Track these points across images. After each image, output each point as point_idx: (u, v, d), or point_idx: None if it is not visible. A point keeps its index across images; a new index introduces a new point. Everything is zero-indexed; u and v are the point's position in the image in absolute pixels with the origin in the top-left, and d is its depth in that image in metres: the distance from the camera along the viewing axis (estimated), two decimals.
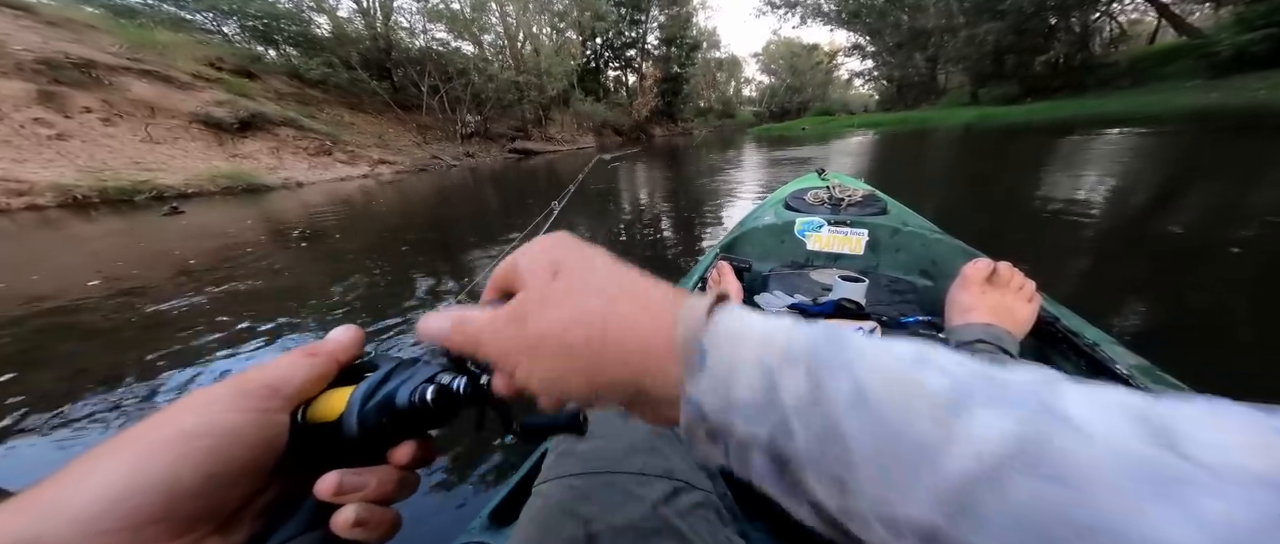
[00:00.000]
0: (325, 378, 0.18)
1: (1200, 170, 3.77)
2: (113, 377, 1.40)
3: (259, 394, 0.16)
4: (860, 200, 1.07)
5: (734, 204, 3.88)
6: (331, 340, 0.20)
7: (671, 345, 0.14)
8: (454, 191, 6.39)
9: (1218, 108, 8.41)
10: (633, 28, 28.20)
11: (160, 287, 2.30)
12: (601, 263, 0.17)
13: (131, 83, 6.75)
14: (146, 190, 5.36)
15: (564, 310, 0.15)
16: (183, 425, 0.15)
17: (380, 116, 12.49)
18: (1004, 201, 3.30)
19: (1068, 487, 0.09)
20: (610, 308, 0.15)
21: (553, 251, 0.18)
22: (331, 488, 0.16)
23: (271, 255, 2.92)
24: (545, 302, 0.16)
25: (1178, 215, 2.51)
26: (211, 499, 0.15)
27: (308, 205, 5.17)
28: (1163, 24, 20.46)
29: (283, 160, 7.49)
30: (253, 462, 0.16)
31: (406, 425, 0.18)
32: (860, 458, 0.11)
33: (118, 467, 0.13)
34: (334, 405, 0.18)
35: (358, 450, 0.18)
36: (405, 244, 3.18)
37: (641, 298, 0.15)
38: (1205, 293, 1.50)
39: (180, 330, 1.76)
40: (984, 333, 0.49)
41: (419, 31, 15.11)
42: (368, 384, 0.18)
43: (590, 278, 0.16)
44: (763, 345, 0.13)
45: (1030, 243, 2.15)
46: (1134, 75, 14.43)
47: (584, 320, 0.15)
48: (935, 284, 0.81)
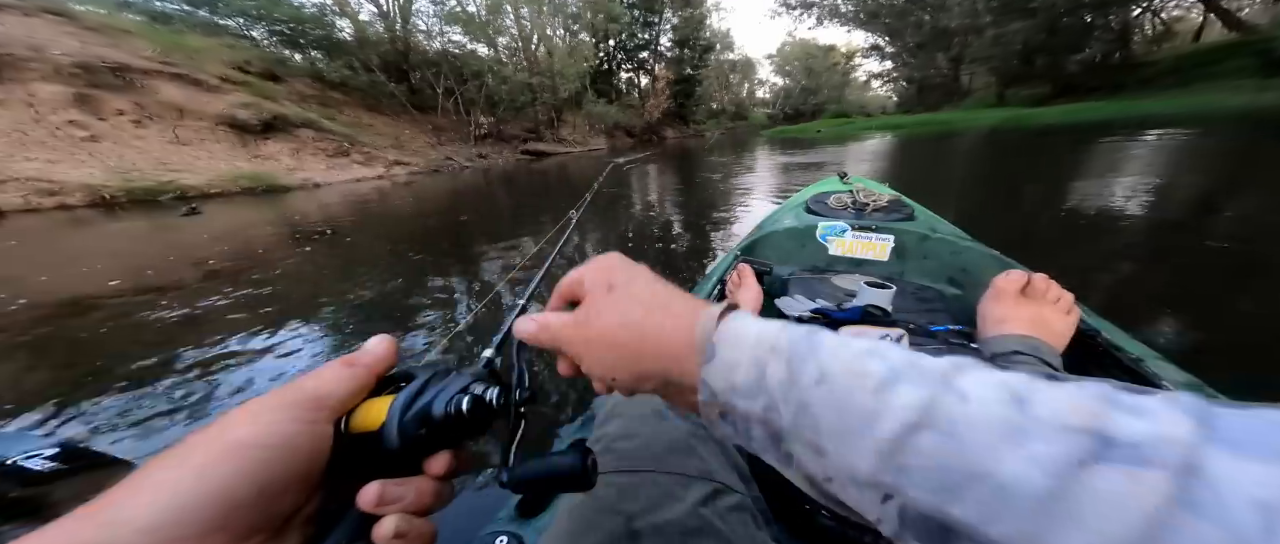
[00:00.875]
0: (365, 389, 0.19)
1: (1261, 178, 3.45)
2: (102, 384, 1.35)
3: (306, 405, 0.17)
4: (886, 205, 1.03)
5: (749, 207, 3.77)
6: (368, 351, 0.20)
7: (692, 344, 0.18)
8: (465, 193, 6.43)
9: (1277, 109, 7.78)
10: (646, 29, 28.21)
11: (174, 288, 2.29)
12: (643, 279, 0.21)
13: (162, 86, 7.00)
14: (171, 191, 5.51)
15: (614, 317, 0.20)
16: (238, 437, 0.15)
17: (397, 118, 12.72)
18: (1040, 207, 3.08)
19: (953, 438, 0.12)
20: (647, 316, 0.19)
21: (608, 271, 0.22)
22: (373, 499, 0.17)
23: (283, 257, 2.90)
24: (601, 310, 0.20)
25: (1239, 226, 2.29)
26: (266, 508, 0.15)
27: (323, 206, 5.24)
28: (1208, 21, 19.32)
29: (302, 161, 7.65)
30: (302, 471, 0.16)
31: (443, 436, 0.19)
32: (825, 426, 0.14)
33: (180, 478, 0.14)
34: (373, 416, 0.18)
35: (397, 461, 0.18)
36: (416, 245, 3.15)
37: (671, 308, 0.19)
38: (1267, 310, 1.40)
39: (185, 333, 1.73)
40: (1021, 344, 0.48)
41: (436, 34, 15.38)
42: (406, 395, 0.18)
43: (634, 291, 0.21)
44: (756, 343, 0.17)
45: (1071, 251, 2.05)
46: (1178, 74, 13.56)
47: (628, 324, 0.19)
48: (964, 293, 0.79)
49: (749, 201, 4.12)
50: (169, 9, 10.23)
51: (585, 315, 0.21)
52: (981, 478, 0.11)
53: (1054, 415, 0.11)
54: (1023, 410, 0.12)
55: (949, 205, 1.37)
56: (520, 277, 2.07)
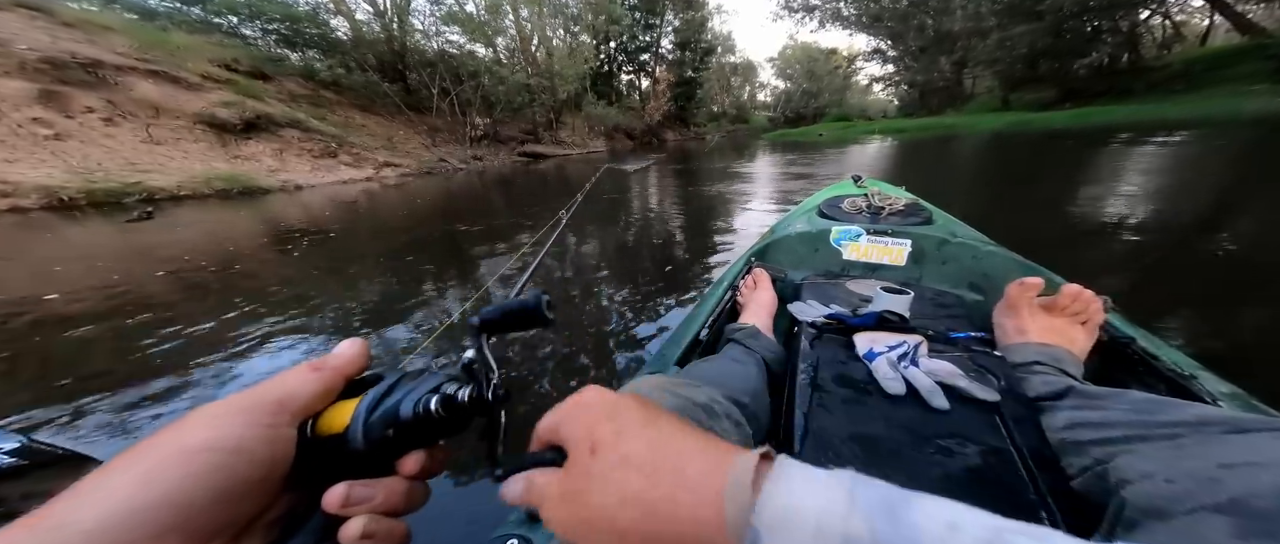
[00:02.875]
0: (332, 392, 0.19)
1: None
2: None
3: (266, 409, 0.17)
4: (902, 209, 1.01)
5: (755, 210, 3.54)
6: (337, 355, 0.20)
7: (723, 526, 0.14)
8: (457, 195, 6.16)
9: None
10: (647, 31, 28.02)
11: (70, 307, 1.94)
12: (635, 429, 0.17)
13: (137, 83, 6.69)
14: (136, 192, 5.18)
15: (608, 494, 0.16)
16: (189, 441, 0.15)
17: (392, 119, 12.44)
18: (1053, 208, 2.91)
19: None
20: (653, 488, 0.15)
21: (586, 420, 0.18)
22: (339, 500, 0.17)
23: (234, 266, 2.56)
24: (591, 483, 0.16)
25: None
26: (222, 513, 0.15)
27: (304, 208, 4.93)
28: (1213, 26, 19.11)
29: (285, 162, 7.34)
30: (262, 476, 0.16)
31: (413, 436, 0.18)
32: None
33: (126, 482, 0.14)
34: (341, 418, 0.18)
35: (365, 462, 0.18)
36: (395, 251, 2.85)
37: (681, 472, 0.15)
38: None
39: (84, 356, 1.43)
40: (1041, 354, 0.48)
41: (433, 34, 15.15)
42: (371, 396, 0.18)
43: (627, 451, 0.16)
44: (818, 531, 0.13)
45: (1085, 253, 1.97)
46: (1188, 79, 13.29)
47: (629, 501, 0.15)
48: (986, 298, 0.77)
49: (753, 204, 3.87)
50: (160, 6, 9.96)
51: (569, 488, 0.17)
52: None
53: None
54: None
55: (956, 208, 1.30)
56: (510, 272, 1.92)
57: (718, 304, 0.75)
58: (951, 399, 0.45)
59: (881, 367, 0.50)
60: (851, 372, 0.51)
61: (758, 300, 0.72)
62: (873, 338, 0.56)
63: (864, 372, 0.51)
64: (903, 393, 0.46)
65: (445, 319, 1.70)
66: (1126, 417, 0.35)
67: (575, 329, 1.63)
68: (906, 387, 0.47)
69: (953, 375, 0.47)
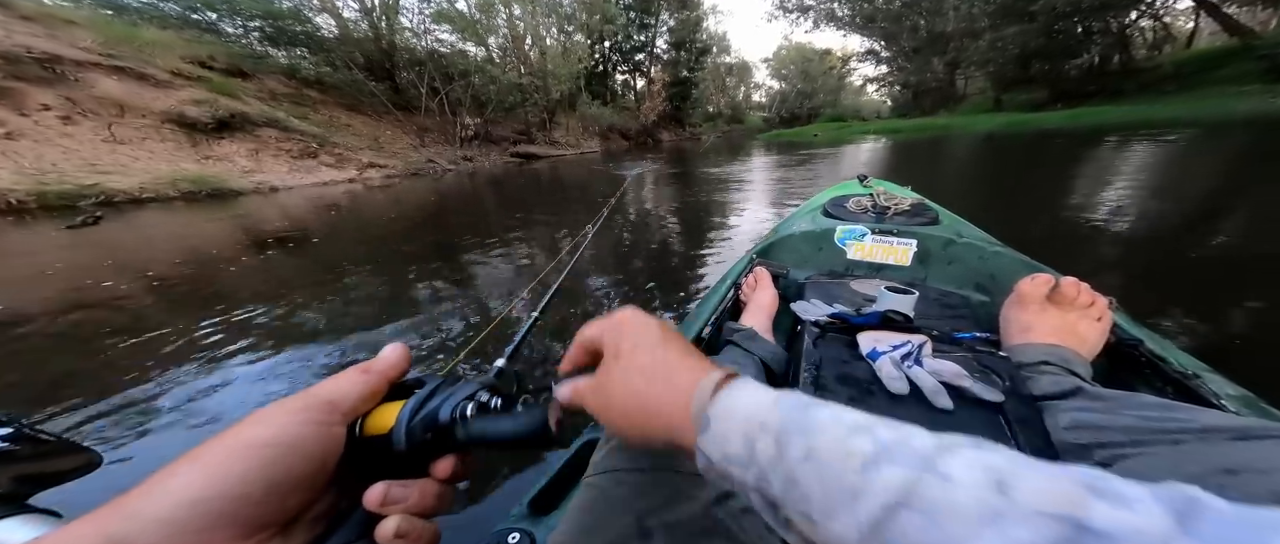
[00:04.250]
0: (378, 394, 0.21)
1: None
2: None
3: (321, 408, 0.18)
4: (908, 209, 1.00)
5: (753, 210, 3.34)
6: (382, 359, 0.22)
7: (689, 416, 0.19)
8: (447, 196, 5.91)
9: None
10: (641, 31, 27.84)
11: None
12: (648, 345, 0.22)
13: (100, 79, 6.33)
14: (93, 195, 4.85)
15: (621, 387, 0.21)
16: (254, 436, 0.16)
17: (379, 119, 12.09)
18: (1047, 207, 2.84)
19: (932, 520, 0.12)
20: (649, 388, 0.21)
21: (619, 334, 0.23)
22: (378, 498, 0.18)
23: (167, 278, 2.28)
24: (613, 378, 0.22)
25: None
26: (276, 505, 0.16)
27: (280, 211, 4.63)
28: (1198, 28, 19.37)
29: (261, 163, 7.01)
30: (313, 471, 0.17)
31: (448, 440, 0.20)
32: (813, 499, 0.15)
33: (195, 474, 0.15)
34: (385, 420, 0.20)
35: (404, 463, 0.19)
36: (368, 261, 2.59)
37: (672, 380, 0.20)
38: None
39: None
40: (1048, 354, 0.48)
41: (422, 32, 14.80)
42: (415, 400, 0.20)
43: (638, 361, 0.22)
44: (746, 418, 0.17)
45: (1084, 251, 1.93)
46: (1179, 80, 13.38)
47: (631, 394, 0.21)
48: (992, 299, 0.77)
49: (753, 203, 3.68)
50: (132, 1, 9.54)
51: (600, 383, 0.22)
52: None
53: (1033, 500, 0.12)
54: (1004, 494, 0.12)
55: (952, 208, 1.22)
56: (539, 286, 1.77)
57: (720, 302, 0.75)
58: (955, 399, 0.45)
59: (885, 366, 0.50)
60: (855, 371, 0.51)
61: (757, 301, 0.73)
62: (876, 337, 0.56)
63: (867, 371, 0.51)
64: (906, 392, 0.46)
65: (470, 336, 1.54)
66: (1132, 420, 0.35)
67: (572, 330, 1.44)
68: (910, 386, 0.47)
69: (957, 376, 0.47)
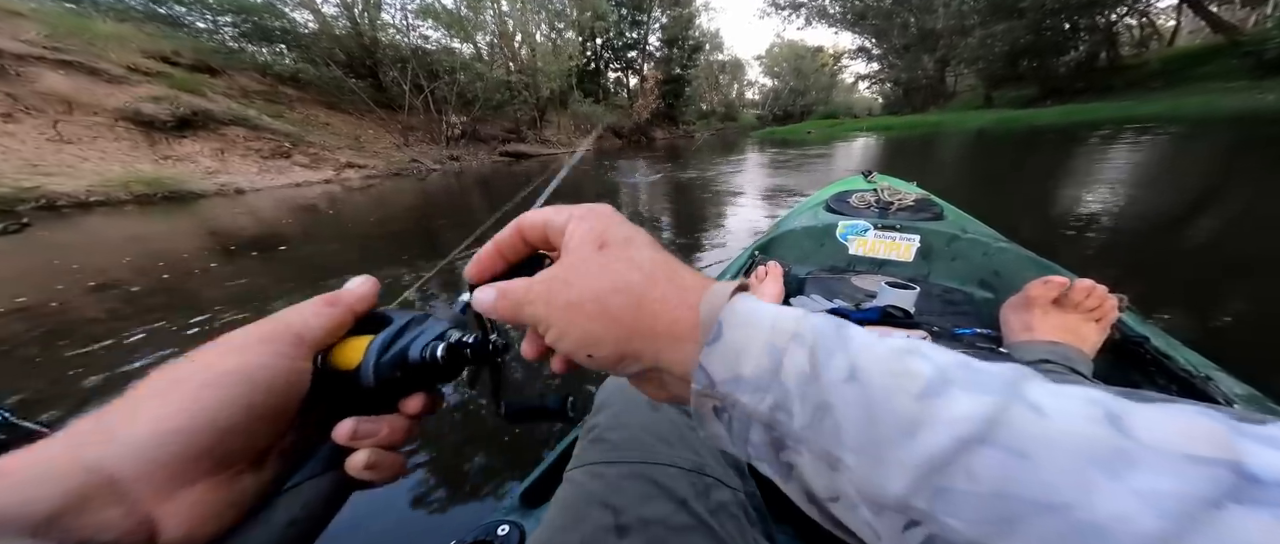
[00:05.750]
0: (344, 327, 0.19)
1: None
2: None
3: (286, 339, 0.17)
4: (912, 205, 0.99)
5: (750, 209, 3.14)
6: (349, 291, 0.20)
7: (695, 324, 0.15)
8: (432, 198, 5.62)
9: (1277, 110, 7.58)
10: (634, 29, 27.50)
11: None
12: (642, 241, 0.18)
13: (45, 74, 5.87)
14: (32, 198, 4.45)
15: (607, 279, 0.17)
16: (225, 366, 0.15)
17: (361, 117, 11.62)
18: (1044, 202, 2.83)
19: (1026, 459, 0.10)
20: (649, 283, 0.16)
21: (599, 223, 0.18)
22: (348, 433, 0.17)
23: (73, 304, 1.97)
24: (591, 269, 0.17)
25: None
26: (248, 437, 0.16)
27: (247, 215, 4.27)
28: (1180, 27, 19.67)
29: (226, 163, 6.59)
30: (282, 403, 0.16)
31: (417, 378, 0.19)
32: (849, 432, 0.12)
33: (172, 403, 0.14)
34: (351, 355, 0.19)
35: (371, 399, 0.19)
36: (345, 270, 2.29)
37: (676, 279, 0.17)
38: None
39: None
40: (1050, 351, 0.47)
41: (406, 28, 14.30)
42: (384, 337, 0.19)
43: (633, 253, 0.17)
44: (773, 329, 0.14)
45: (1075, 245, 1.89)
46: (1166, 77, 13.51)
47: (624, 290, 0.16)
48: (997, 296, 0.75)
49: (747, 198, 3.45)
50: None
51: (567, 273, 0.17)
52: (1058, 512, 0.09)
53: (1169, 440, 0.09)
54: (1122, 431, 0.10)
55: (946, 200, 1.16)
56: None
57: None
58: None
59: None
60: None
61: (763, 292, 0.70)
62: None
63: None
64: None
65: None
66: None
67: None
68: None
69: None
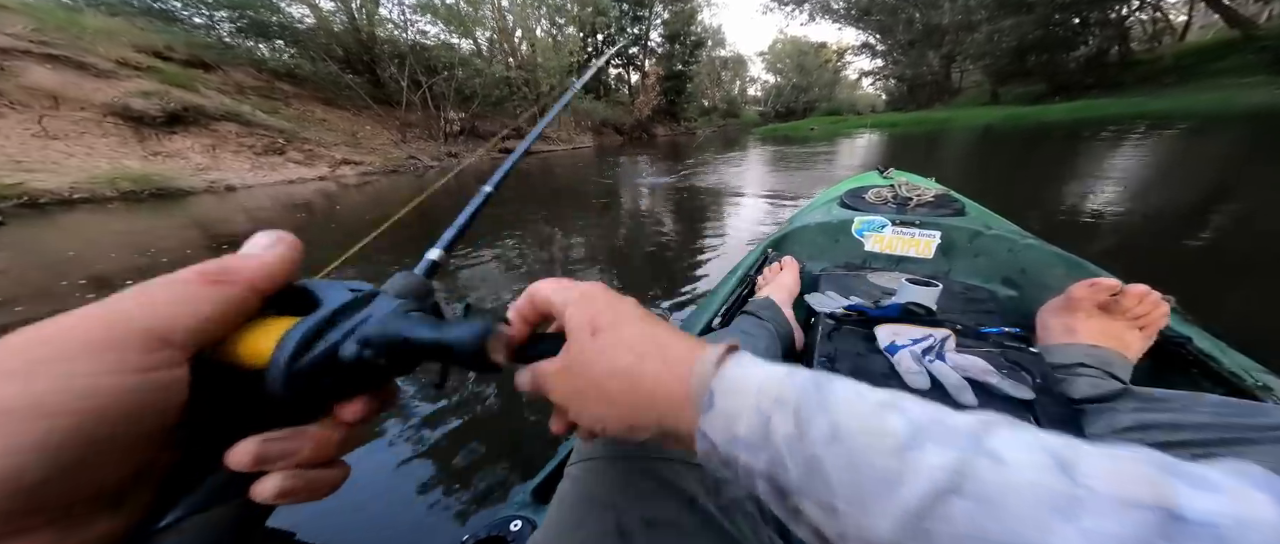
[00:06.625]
0: (239, 314, 0.14)
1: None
2: None
3: (133, 343, 0.11)
4: (932, 200, 0.96)
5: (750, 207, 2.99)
6: (247, 258, 0.15)
7: (688, 394, 0.17)
8: (429, 195, 5.52)
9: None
10: (635, 24, 27.21)
11: None
12: (630, 319, 0.19)
13: (31, 68, 5.74)
14: (13, 196, 4.32)
15: (603, 365, 0.18)
16: (5, 403, 0.10)
17: (359, 114, 11.49)
18: (1069, 200, 2.63)
19: (989, 506, 0.11)
20: (640, 364, 0.18)
21: (590, 309, 0.20)
22: (248, 459, 0.13)
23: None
24: (588, 357, 0.19)
25: None
26: (80, 480, 0.11)
27: (239, 212, 4.13)
28: (1191, 21, 19.28)
29: (218, 160, 6.46)
30: (142, 430, 0.12)
31: (355, 380, 0.15)
32: (838, 486, 0.13)
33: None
34: (258, 344, 0.13)
35: (287, 410, 0.14)
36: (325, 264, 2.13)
37: (664, 354, 0.18)
38: None
39: None
40: (1087, 355, 0.46)
41: (404, 24, 14.13)
42: (302, 331, 0.13)
43: (622, 335, 0.19)
44: (759, 393, 0.15)
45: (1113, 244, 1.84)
46: (1179, 72, 13.19)
47: (620, 373, 0.18)
48: (1021, 294, 0.74)
49: (748, 194, 3.29)
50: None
51: (569, 363, 0.19)
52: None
53: (1110, 486, 0.10)
54: (1071, 478, 0.11)
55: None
56: None
57: (731, 294, 0.75)
58: (980, 396, 0.44)
59: (904, 360, 0.49)
60: (870, 364, 0.50)
61: (780, 281, 0.72)
62: (896, 330, 0.54)
63: (884, 365, 0.50)
64: (927, 387, 0.46)
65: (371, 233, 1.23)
66: (1209, 419, 0.34)
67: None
68: (931, 381, 0.46)
69: (984, 372, 0.46)
